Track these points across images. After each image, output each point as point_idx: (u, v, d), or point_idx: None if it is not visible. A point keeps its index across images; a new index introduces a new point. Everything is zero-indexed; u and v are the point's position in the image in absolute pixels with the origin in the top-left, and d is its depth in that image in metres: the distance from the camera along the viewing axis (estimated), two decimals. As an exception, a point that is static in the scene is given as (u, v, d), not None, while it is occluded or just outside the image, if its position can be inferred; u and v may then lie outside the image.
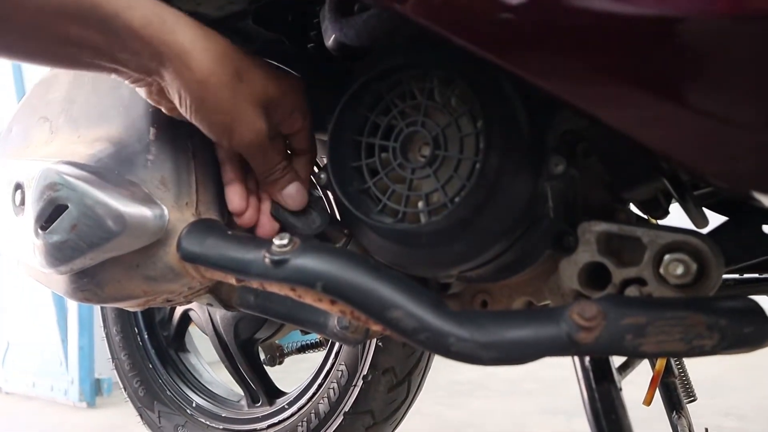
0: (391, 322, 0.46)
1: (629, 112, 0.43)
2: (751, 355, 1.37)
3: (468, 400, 1.64)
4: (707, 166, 0.43)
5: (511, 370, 1.94)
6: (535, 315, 0.46)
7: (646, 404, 0.71)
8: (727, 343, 0.45)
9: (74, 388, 1.84)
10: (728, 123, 0.40)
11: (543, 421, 1.12)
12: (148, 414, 0.96)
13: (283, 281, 0.50)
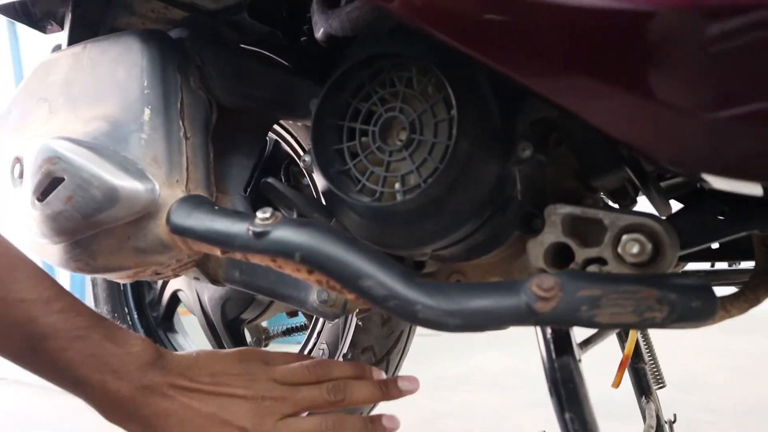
0: (363, 290, 0.50)
1: (588, 100, 0.46)
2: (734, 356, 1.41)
3: (452, 394, 1.67)
4: (660, 151, 0.46)
5: (494, 366, 1.99)
6: (498, 286, 0.49)
7: (614, 386, 0.74)
8: (676, 316, 0.48)
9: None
10: (676, 109, 0.43)
11: (523, 413, 1.15)
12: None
13: (264, 252, 0.53)
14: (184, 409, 0.56)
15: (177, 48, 0.67)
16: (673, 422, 0.90)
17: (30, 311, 0.53)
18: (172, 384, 0.56)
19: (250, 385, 0.58)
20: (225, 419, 0.56)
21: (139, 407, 0.55)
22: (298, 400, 0.59)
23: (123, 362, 0.55)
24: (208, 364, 0.59)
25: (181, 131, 0.64)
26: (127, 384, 0.55)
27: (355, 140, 0.59)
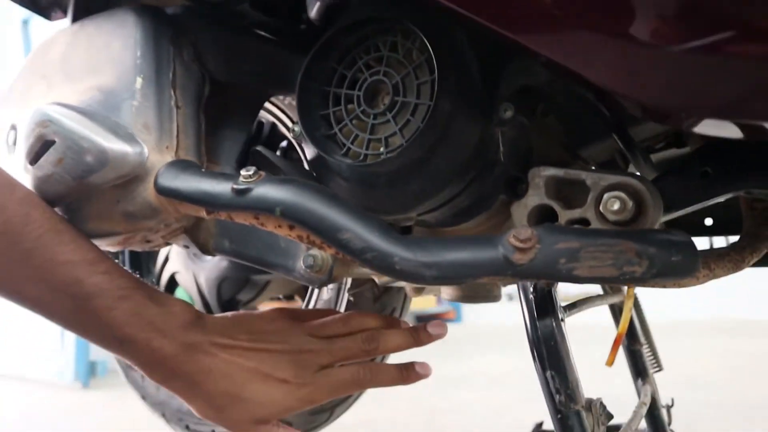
0: (342, 243, 0.50)
1: (571, 46, 0.46)
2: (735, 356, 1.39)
3: (454, 392, 1.67)
4: (644, 94, 0.45)
5: (495, 367, 1.98)
6: (476, 239, 0.49)
7: (608, 365, 0.73)
8: (656, 270, 0.48)
9: (69, 369, 1.88)
10: (659, 47, 0.42)
11: (521, 408, 1.15)
12: (132, 373, 0.99)
13: (246, 209, 0.54)
14: (227, 364, 0.57)
15: (171, 22, 0.68)
16: (671, 407, 0.88)
17: (76, 272, 0.54)
18: (213, 342, 0.57)
19: (287, 340, 0.59)
20: (266, 373, 0.57)
21: (183, 364, 0.56)
22: (334, 350, 0.60)
23: (165, 321, 0.56)
24: (244, 323, 0.60)
25: (173, 100, 0.65)
26: (170, 342, 0.56)
27: (341, 105, 0.59)
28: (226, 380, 0.57)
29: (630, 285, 0.49)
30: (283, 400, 0.58)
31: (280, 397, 0.57)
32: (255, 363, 0.57)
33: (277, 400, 0.58)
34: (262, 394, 0.57)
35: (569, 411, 0.50)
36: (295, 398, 0.58)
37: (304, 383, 0.58)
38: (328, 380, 0.59)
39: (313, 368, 0.59)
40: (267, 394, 0.57)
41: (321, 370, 0.59)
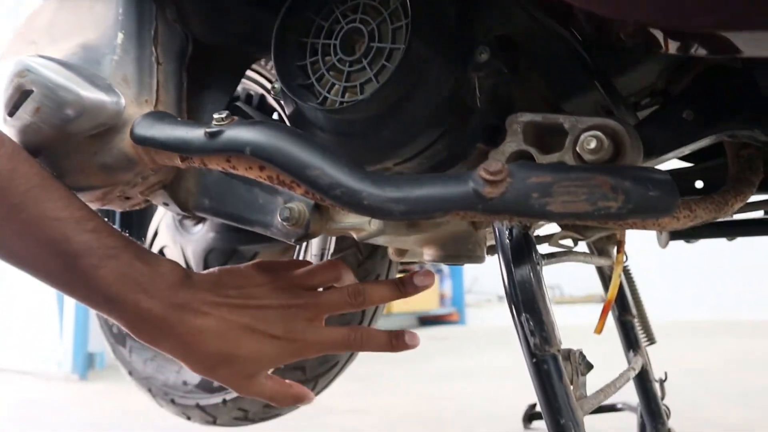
0: (310, 180, 0.49)
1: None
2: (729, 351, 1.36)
3: (452, 383, 1.66)
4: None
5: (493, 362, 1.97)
6: (446, 176, 0.48)
7: (597, 332, 0.72)
8: (632, 206, 0.46)
9: (67, 361, 1.88)
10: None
11: (518, 396, 1.14)
12: (120, 350, 0.99)
13: (218, 152, 0.53)
14: (219, 323, 0.56)
15: (154, -18, 0.68)
16: (664, 380, 0.86)
17: (64, 229, 0.54)
18: (204, 300, 0.56)
19: (275, 294, 0.59)
20: (259, 329, 0.57)
21: (173, 325, 0.55)
22: (321, 304, 0.60)
23: (154, 281, 0.55)
24: (232, 279, 0.59)
25: (153, 56, 0.65)
26: (159, 302, 0.55)
27: (318, 56, 0.59)
28: (219, 339, 0.56)
29: (606, 222, 0.47)
30: (274, 355, 0.58)
31: (271, 352, 0.57)
32: (247, 320, 0.57)
33: (269, 356, 0.57)
34: (254, 351, 0.57)
35: (545, 354, 0.49)
36: (286, 353, 0.58)
37: (294, 338, 0.58)
38: (318, 337, 0.59)
39: (302, 322, 0.59)
40: (259, 350, 0.57)
41: (310, 324, 0.59)
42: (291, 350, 0.58)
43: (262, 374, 0.59)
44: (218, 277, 0.59)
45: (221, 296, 0.57)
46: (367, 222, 0.62)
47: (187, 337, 0.56)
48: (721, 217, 0.53)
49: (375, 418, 1.23)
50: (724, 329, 2.73)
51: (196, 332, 0.56)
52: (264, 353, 0.57)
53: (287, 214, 0.61)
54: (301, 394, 0.62)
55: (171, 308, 0.55)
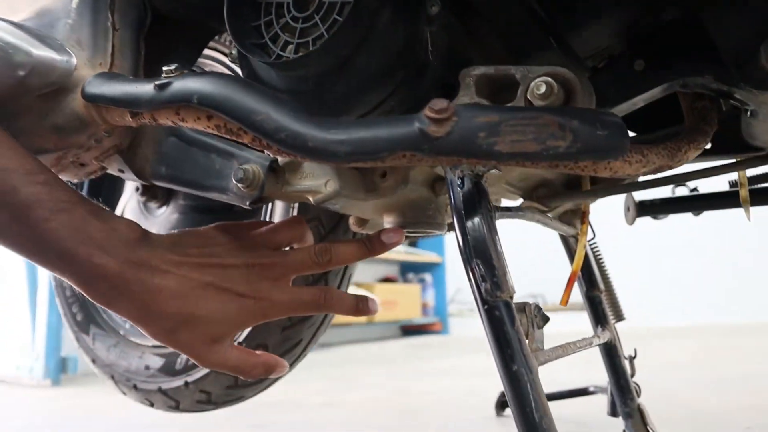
0: (256, 125, 0.49)
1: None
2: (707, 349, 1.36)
3: (433, 379, 1.65)
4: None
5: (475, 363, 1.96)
6: (393, 118, 0.48)
7: (562, 305, 0.71)
8: (581, 145, 0.46)
9: (39, 366, 1.84)
10: None
11: (491, 390, 1.13)
12: (84, 338, 0.96)
13: (167, 104, 0.53)
14: (179, 282, 0.53)
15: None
16: (633, 357, 0.85)
17: (12, 180, 0.51)
18: (163, 258, 0.54)
19: (239, 253, 0.57)
20: (224, 287, 0.54)
21: (129, 283, 0.52)
22: (287, 263, 0.58)
23: (109, 237, 0.52)
24: (192, 239, 0.57)
25: (109, 21, 0.65)
26: (114, 259, 0.52)
27: (272, 15, 0.58)
28: (179, 299, 0.53)
29: (556, 163, 0.47)
30: (238, 315, 0.55)
31: (235, 312, 0.54)
32: (210, 278, 0.54)
33: (232, 316, 0.55)
34: (217, 311, 0.54)
35: (496, 300, 0.48)
36: (251, 313, 0.55)
37: (260, 297, 0.55)
38: (284, 297, 0.56)
39: (268, 282, 0.56)
40: (222, 310, 0.54)
41: (276, 284, 0.57)
42: (256, 310, 0.55)
43: (226, 341, 0.56)
44: (178, 237, 0.57)
45: (182, 255, 0.55)
46: (323, 184, 0.62)
47: (145, 297, 0.52)
48: (675, 165, 0.53)
49: (348, 410, 1.21)
50: (696, 332, 2.74)
51: (155, 291, 0.53)
52: (228, 313, 0.54)
53: (241, 175, 0.61)
54: (271, 362, 0.58)
55: (127, 265, 0.52)
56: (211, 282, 0.54)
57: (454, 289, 4.24)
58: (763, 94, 0.49)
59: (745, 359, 1.94)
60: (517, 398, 0.46)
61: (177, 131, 0.67)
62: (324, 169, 0.62)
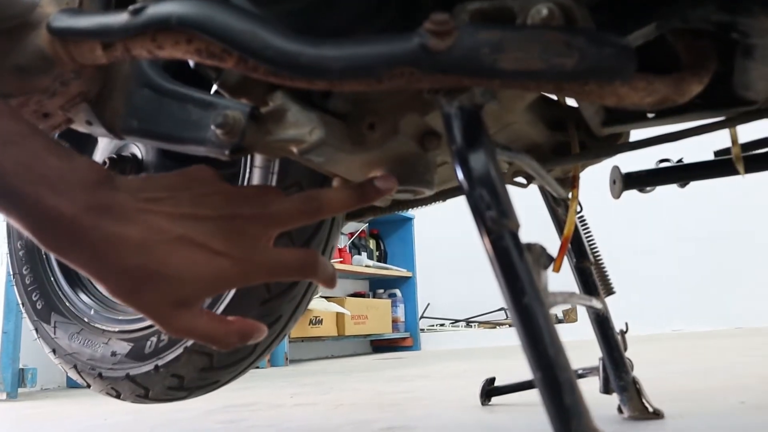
0: (241, 43, 0.45)
1: None
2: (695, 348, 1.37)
3: (411, 382, 1.61)
4: None
5: (452, 368, 1.93)
6: (391, 34, 0.45)
7: (555, 271, 0.68)
8: (588, 64, 0.44)
9: (-6, 377, 1.73)
10: None
11: (471, 386, 1.10)
12: (44, 327, 0.90)
13: (143, 30, 0.49)
14: (144, 232, 0.46)
15: None
16: (625, 332, 0.83)
17: None
18: (126, 205, 0.47)
19: (217, 203, 0.50)
20: (198, 242, 0.47)
21: (85, 230, 0.45)
22: (272, 215, 0.51)
23: (64, 177, 0.45)
24: (164, 184, 0.50)
25: (75, -37, 0.60)
26: (69, 201, 0.45)
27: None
28: (144, 252, 0.46)
29: (560, 84, 0.45)
30: (212, 276, 0.47)
31: (209, 273, 0.47)
32: (182, 230, 0.47)
33: (205, 277, 0.47)
34: (188, 270, 0.47)
35: (503, 229, 0.45)
36: (227, 275, 0.48)
37: (239, 257, 0.48)
38: (267, 257, 0.49)
39: (249, 238, 0.49)
40: (194, 269, 0.47)
41: (258, 242, 0.50)
42: (234, 272, 0.48)
43: (195, 305, 0.48)
44: (148, 181, 0.49)
45: (150, 201, 0.48)
46: (307, 132, 0.58)
47: (103, 247, 0.45)
48: (679, 98, 0.51)
49: (326, 408, 1.16)
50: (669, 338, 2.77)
51: (115, 241, 0.45)
52: (200, 273, 0.47)
53: (221, 120, 0.57)
54: (246, 328, 0.51)
55: (83, 210, 0.45)
56: (183, 235, 0.47)
57: (425, 304, 4.20)
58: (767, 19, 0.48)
59: (727, 353, 1.95)
60: (529, 334, 0.43)
61: (150, 82, 0.63)
62: (309, 117, 0.58)
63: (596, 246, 0.85)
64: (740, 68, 0.59)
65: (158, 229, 0.47)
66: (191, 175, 0.52)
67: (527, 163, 0.58)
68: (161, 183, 0.50)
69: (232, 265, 0.48)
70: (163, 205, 0.48)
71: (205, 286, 0.48)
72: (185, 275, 0.47)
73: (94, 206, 0.45)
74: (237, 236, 0.49)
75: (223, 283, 0.49)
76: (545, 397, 0.41)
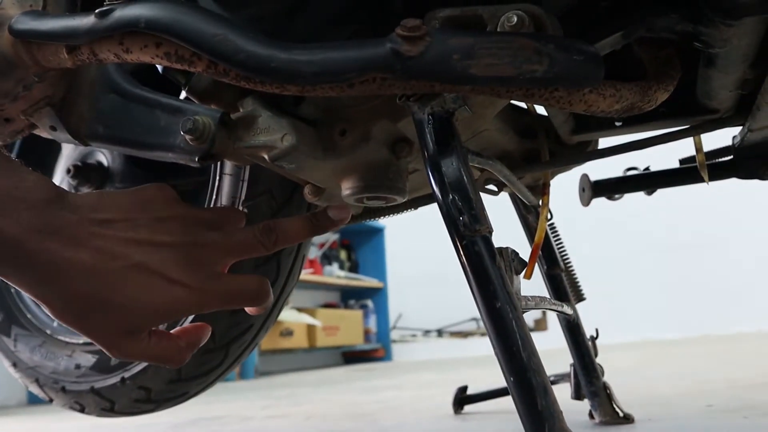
0: (212, 47, 0.45)
1: None
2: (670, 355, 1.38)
3: (383, 392, 1.61)
4: None
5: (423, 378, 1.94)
6: (363, 40, 0.45)
7: (526, 278, 0.69)
8: (558, 70, 0.44)
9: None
10: None
11: (443, 396, 1.10)
12: (4, 340, 0.87)
13: (110, 32, 0.48)
14: (97, 258, 0.44)
15: None
16: (596, 338, 0.84)
17: None
18: (78, 227, 0.44)
19: (175, 230, 0.48)
20: (153, 269, 0.46)
21: (32, 254, 0.43)
22: (231, 245, 0.50)
23: (9, 196, 0.43)
24: (120, 204, 0.48)
25: (41, -35, 0.59)
26: (13, 222, 0.42)
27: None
28: (93, 278, 0.44)
29: (530, 91, 0.45)
30: (165, 306, 0.46)
31: (162, 302, 0.46)
32: (138, 257, 0.45)
33: (158, 307, 0.46)
34: (140, 299, 0.45)
35: (475, 235, 0.45)
36: (182, 304, 0.46)
37: (195, 286, 0.47)
38: (222, 286, 0.48)
39: (207, 267, 0.48)
40: (146, 298, 0.45)
41: (213, 270, 0.48)
42: (189, 301, 0.47)
43: (145, 331, 0.47)
44: (101, 199, 0.47)
45: (104, 225, 0.46)
46: (279, 139, 0.58)
47: (51, 272, 0.43)
48: (645, 105, 0.52)
49: (298, 420, 1.14)
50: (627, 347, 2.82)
51: (64, 266, 0.43)
52: (152, 303, 0.45)
53: (190, 125, 0.56)
54: (193, 337, 0.50)
55: (31, 232, 0.43)
56: (139, 263, 0.45)
57: (397, 314, 4.20)
58: (728, 29, 0.49)
59: (695, 360, 1.99)
60: (502, 338, 0.43)
61: (116, 87, 0.62)
62: (280, 123, 0.58)
63: (566, 253, 0.86)
64: (703, 77, 0.61)
65: (111, 254, 0.45)
66: (148, 195, 0.50)
67: (498, 169, 0.58)
68: (117, 202, 0.48)
69: (187, 294, 0.47)
70: (117, 229, 0.46)
71: (158, 315, 0.46)
72: (137, 304, 0.45)
73: (41, 228, 0.44)
74: (194, 264, 0.48)
75: (177, 312, 0.47)
76: (519, 401, 0.42)
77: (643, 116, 0.72)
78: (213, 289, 0.48)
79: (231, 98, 0.58)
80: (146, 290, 0.46)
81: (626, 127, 0.72)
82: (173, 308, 0.47)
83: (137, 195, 0.50)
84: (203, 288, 0.47)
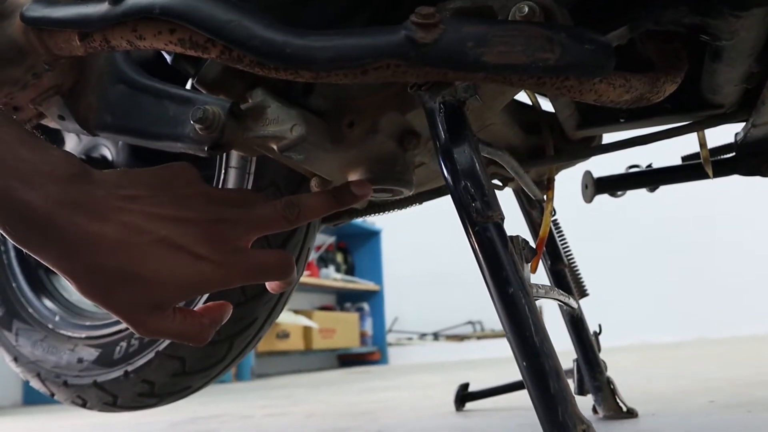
0: (226, 33, 0.45)
1: None
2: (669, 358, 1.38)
3: (381, 392, 1.60)
4: None
5: (422, 380, 1.93)
6: (377, 27, 0.45)
7: (532, 272, 0.69)
8: (570, 59, 0.45)
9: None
10: None
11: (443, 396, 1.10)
12: (5, 335, 0.86)
13: (124, 19, 0.48)
14: (123, 232, 0.44)
15: None
16: (599, 333, 0.84)
17: None
18: (104, 202, 0.45)
19: (199, 206, 0.49)
20: (179, 244, 0.46)
21: (59, 227, 0.43)
22: (253, 220, 0.50)
23: (37, 170, 0.43)
24: (144, 181, 0.48)
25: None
26: (41, 196, 0.43)
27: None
28: (121, 252, 0.44)
29: (542, 79, 0.45)
30: (191, 280, 0.46)
31: (188, 277, 0.46)
32: (164, 231, 0.46)
33: (184, 281, 0.46)
34: (166, 273, 0.45)
35: (487, 221, 0.45)
36: (207, 279, 0.47)
37: (220, 261, 0.47)
38: (247, 261, 0.49)
39: (230, 242, 0.48)
40: (173, 272, 0.45)
41: (237, 245, 0.49)
42: (214, 276, 0.47)
43: (170, 306, 0.47)
44: (125, 176, 0.48)
45: (131, 200, 0.46)
46: (288, 129, 0.58)
47: (78, 246, 0.43)
48: (654, 96, 0.53)
49: (297, 418, 1.14)
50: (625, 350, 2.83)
51: (91, 240, 0.44)
52: (179, 277, 0.46)
53: (201, 114, 0.56)
54: (216, 315, 0.50)
55: (58, 205, 0.43)
56: (165, 237, 0.46)
57: (393, 317, 4.19)
58: (737, 21, 0.49)
59: (693, 360, 1.99)
60: (514, 323, 0.43)
61: (125, 77, 0.62)
62: (289, 114, 0.58)
63: (570, 249, 0.86)
64: (709, 71, 0.61)
65: (137, 229, 0.45)
66: (173, 172, 0.50)
67: (506, 160, 0.59)
68: (141, 179, 0.48)
69: (212, 269, 0.47)
70: (142, 204, 0.47)
71: (184, 290, 0.47)
72: (163, 278, 0.46)
73: (68, 201, 0.44)
74: (218, 240, 0.48)
75: (203, 287, 0.48)
76: (531, 385, 0.42)
77: (647, 111, 0.72)
78: (237, 264, 0.48)
79: (240, 89, 0.58)
80: (172, 264, 0.46)
81: (630, 123, 0.73)
82: (198, 283, 0.47)
83: (161, 173, 0.50)
84: (228, 262, 0.48)
